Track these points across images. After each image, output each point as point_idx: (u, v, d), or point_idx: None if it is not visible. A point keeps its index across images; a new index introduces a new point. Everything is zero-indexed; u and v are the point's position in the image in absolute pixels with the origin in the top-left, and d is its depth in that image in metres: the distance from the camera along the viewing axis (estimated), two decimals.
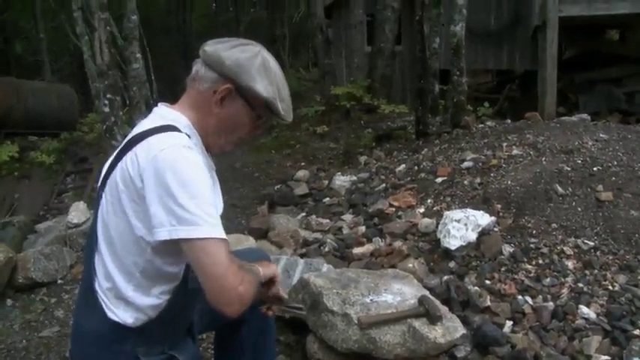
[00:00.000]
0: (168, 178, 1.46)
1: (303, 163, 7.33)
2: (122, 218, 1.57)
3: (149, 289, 1.63)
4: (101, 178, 1.68)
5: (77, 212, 5.07)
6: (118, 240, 1.60)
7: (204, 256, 1.47)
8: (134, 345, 1.65)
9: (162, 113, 1.68)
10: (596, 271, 3.03)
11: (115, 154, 1.66)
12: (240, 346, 2.20)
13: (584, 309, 2.74)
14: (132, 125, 8.29)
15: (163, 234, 1.47)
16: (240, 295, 1.50)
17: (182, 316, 1.79)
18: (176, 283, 1.65)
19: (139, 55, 7.75)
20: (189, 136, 1.62)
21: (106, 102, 7.79)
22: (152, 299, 1.63)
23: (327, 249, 3.79)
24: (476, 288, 3.02)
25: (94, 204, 1.72)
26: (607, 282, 2.93)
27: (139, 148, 1.54)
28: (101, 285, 1.65)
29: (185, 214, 1.45)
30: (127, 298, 1.62)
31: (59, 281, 4.33)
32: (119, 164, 1.58)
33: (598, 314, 2.71)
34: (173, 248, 1.52)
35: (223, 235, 1.51)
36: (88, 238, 1.75)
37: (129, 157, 1.55)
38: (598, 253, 3.17)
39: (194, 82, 1.69)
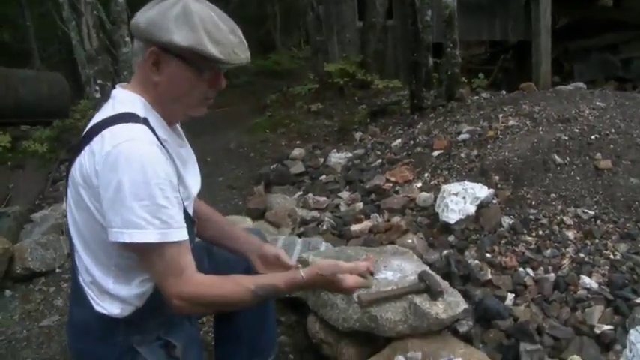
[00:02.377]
0: (119, 178, 1.42)
1: (298, 142, 7.29)
2: (87, 213, 1.54)
3: (129, 280, 1.60)
4: (68, 172, 1.63)
5: None
6: (88, 235, 1.57)
7: (150, 260, 1.51)
8: (127, 335, 1.64)
9: (119, 96, 1.63)
10: (596, 240, 3.00)
11: (76, 145, 1.61)
12: (239, 328, 2.19)
13: (585, 279, 2.72)
14: None
15: (113, 235, 1.45)
16: (174, 306, 1.53)
17: None
18: None
19: (128, 39, 7.63)
20: (147, 120, 1.56)
21: (97, 88, 7.72)
22: (134, 289, 1.60)
23: (325, 227, 3.77)
24: (476, 261, 3.00)
25: (66, 197, 1.66)
26: (608, 251, 2.91)
27: (95, 142, 1.49)
28: (84, 279, 1.62)
29: (132, 217, 1.43)
30: (110, 291, 1.59)
31: (57, 270, 4.31)
32: (78, 159, 1.53)
33: (600, 284, 2.69)
34: None
35: (174, 238, 1.50)
36: (68, 232, 1.70)
37: (87, 151, 1.50)
38: (598, 222, 3.15)
39: (134, 59, 1.64)
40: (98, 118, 1.57)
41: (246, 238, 2.06)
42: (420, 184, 4.05)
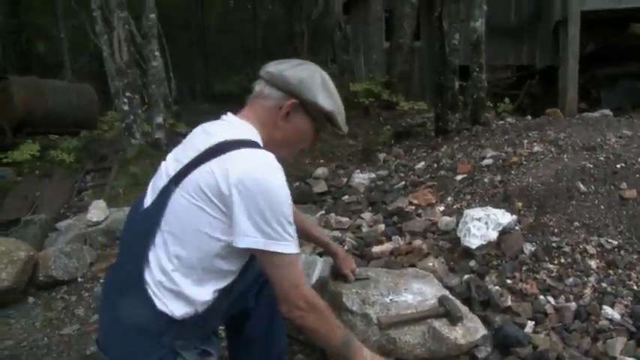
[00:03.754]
0: (260, 196, 1.61)
1: (321, 161, 7.32)
2: (200, 218, 1.66)
3: (205, 285, 1.73)
4: (172, 175, 1.73)
5: (97, 210, 5.10)
6: (190, 237, 1.68)
7: (285, 268, 1.70)
8: (174, 338, 1.73)
9: (237, 124, 1.80)
10: (620, 270, 2.96)
11: (189, 155, 1.72)
12: (251, 341, 2.28)
13: (608, 309, 2.68)
14: (151, 123, 8.33)
15: (247, 242, 1.64)
16: (299, 307, 1.73)
17: (218, 315, 1.90)
18: (228, 281, 1.78)
19: (157, 53, 7.81)
20: None
21: (125, 100, 7.88)
22: (206, 295, 1.73)
23: (346, 247, 3.76)
24: (497, 287, 2.97)
25: (159, 197, 1.75)
26: (632, 282, 2.87)
27: (228, 158, 1.65)
28: (154, 276, 1.70)
29: (270, 230, 1.63)
30: (183, 292, 1.70)
31: (79, 279, 4.37)
32: (202, 167, 1.66)
33: (622, 315, 2.65)
34: (243, 252, 1.71)
35: (297, 251, 1.71)
36: (137, 228, 1.80)
37: (215, 163, 1.65)
38: (622, 252, 3.10)
39: (259, 99, 1.84)
40: (219, 136, 1.71)
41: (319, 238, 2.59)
42: (442, 208, 4.04)
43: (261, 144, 1.76)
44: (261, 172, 1.63)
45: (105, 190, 7.27)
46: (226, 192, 1.61)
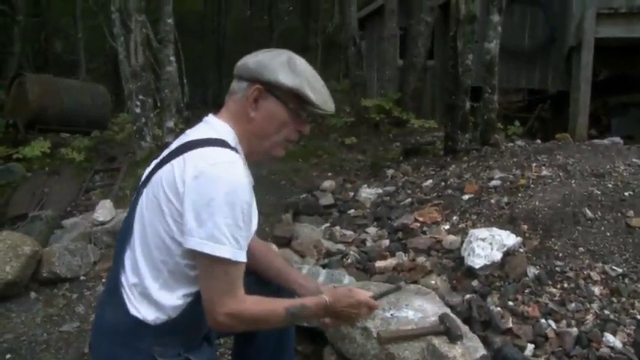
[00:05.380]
0: (211, 194, 1.53)
1: (329, 174, 7.32)
2: (159, 216, 1.63)
3: (174, 290, 1.68)
4: (144, 176, 1.75)
5: (103, 210, 5.12)
6: (151, 237, 1.66)
7: (214, 274, 1.58)
8: (151, 344, 1.69)
9: (212, 123, 1.76)
10: (623, 298, 2.95)
11: (161, 156, 1.73)
12: (258, 353, 2.20)
13: (609, 337, 2.67)
14: (162, 127, 8.37)
15: (191, 243, 1.55)
16: (219, 322, 1.62)
17: (201, 321, 1.78)
18: (199, 287, 1.68)
19: (172, 59, 7.86)
20: (236, 150, 1.68)
21: (138, 103, 7.94)
22: (175, 300, 1.68)
23: (349, 261, 3.78)
24: (498, 309, 2.97)
25: (134, 200, 1.77)
26: (635, 311, 2.85)
27: (189, 156, 1.61)
28: (128, 280, 1.70)
29: (215, 231, 1.53)
30: (152, 296, 1.67)
31: (82, 277, 4.39)
32: (165, 166, 1.65)
33: (624, 344, 2.64)
34: None
35: (241, 259, 1.60)
36: (122, 232, 1.80)
37: (177, 161, 1.62)
38: (626, 280, 3.09)
39: (230, 96, 1.78)
40: (191, 137, 1.69)
41: (301, 282, 2.15)
42: (447, 227, 4.04)
43: (232, 142, 1.70)
44: (216, 169, 1.55)
45: (112, 191, 7.30)
46: (180, 187, 1.57)
